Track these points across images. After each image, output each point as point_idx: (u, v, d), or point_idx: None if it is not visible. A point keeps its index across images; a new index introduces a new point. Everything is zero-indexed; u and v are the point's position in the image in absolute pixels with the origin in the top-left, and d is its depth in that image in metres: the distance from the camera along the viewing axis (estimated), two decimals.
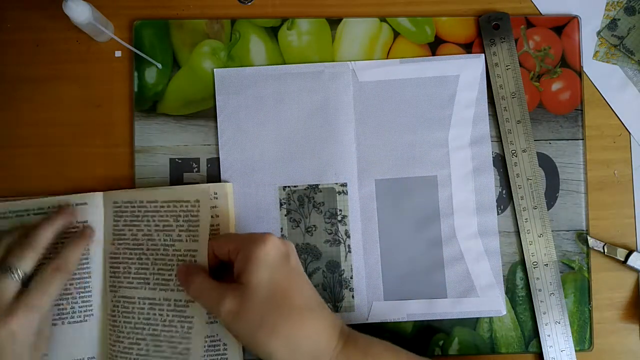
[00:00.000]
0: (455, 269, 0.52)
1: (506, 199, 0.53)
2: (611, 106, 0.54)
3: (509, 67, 0.53)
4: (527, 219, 0.52)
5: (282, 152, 0.52)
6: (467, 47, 0.53)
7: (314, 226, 0.52)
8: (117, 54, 0.53)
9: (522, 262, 0.52)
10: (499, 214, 0.53)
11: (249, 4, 0.54)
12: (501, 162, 0.53)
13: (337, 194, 0.52)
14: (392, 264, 0.52)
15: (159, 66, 0.53)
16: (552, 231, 0.52)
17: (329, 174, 0.52)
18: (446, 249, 0.52)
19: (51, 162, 0.52)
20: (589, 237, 0.52)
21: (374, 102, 0.53)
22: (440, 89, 0.53)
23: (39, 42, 0.53)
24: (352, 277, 0.52)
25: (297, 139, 0.52)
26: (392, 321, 0.52)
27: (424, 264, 0.52)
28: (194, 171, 0.52)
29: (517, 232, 0.52)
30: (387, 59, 0.53)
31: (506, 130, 0.52)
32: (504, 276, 0.52)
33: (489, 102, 0.53)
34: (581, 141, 0.53)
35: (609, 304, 0.53)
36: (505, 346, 0.52)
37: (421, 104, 0.53)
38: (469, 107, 0.53)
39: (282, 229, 0.52)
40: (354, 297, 0.52)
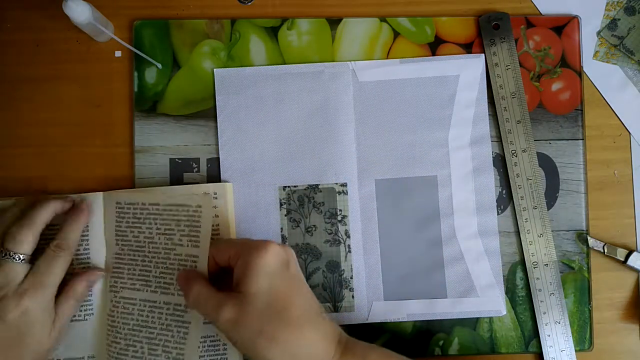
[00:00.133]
0: (455, 269, 0.52)
1: (506, 199, 0.53)
2: (611, 106, 0.54)
3: (509, 67, 0.53)
4: (527, 219, 0.52)
5: (282, 152, 0.52)
6: (467, 47, 0.53)
7: (314, 226, 0.52)
8: (117, 54, 0.53)
9: (522, 262, 0.52)
10: (499, 214, 0.53)
11: (249, 4, 0.54)
12: (501, 162, 0.53)
13: (337, 194, 0.52)
14: (392, 264, 0.52)
15: (159, 66, 0.53)
16: (552, 231, 0.52)
17: (329, 174, 0.52)
18: (446, 249, 0.52)
19: (51, 162, 0.52)
20: (589, 237, 0.52)
21: (374, 102, 0.53)
22: (440, 89, 0.53)
23: (39, 42, 0.53)
24: (352, 277, 0.52)
25: (297, 139, 0.52)
26: (392, 321, 0.52)
27: (424, 264, 0.52)
28: (194, 171, 0.52)
29: (517, 232, 0.52)
30: (387, 59, 0.53)
31: (506, 130, 0.52)
32: (504, 276, 0.52)
33: (489, 102, 0.53)
34: (581, 141, 0.53)
35: (609, 304, 0.53)
36: (505, 346, 0.52)
37: (421, 104, 0.53)
38: (469, 107, 0.53)
39: (282, 229, 0.52)
40: (354, 297, 0.52)
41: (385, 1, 0.54)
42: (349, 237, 0.52)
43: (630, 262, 0.52)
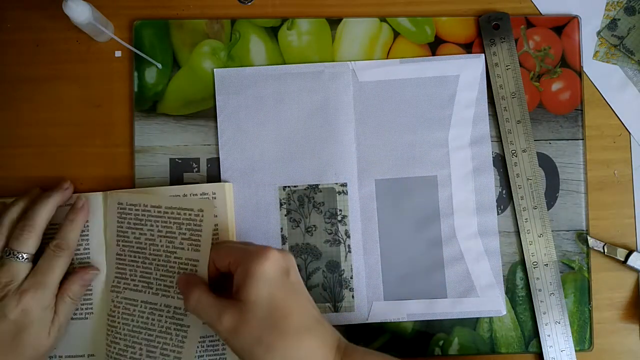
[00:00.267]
0: (455, 269, 0.52)
1: (506, 199, 0.53)
2: (611, 106, 0.54)
3: (509, 67, 0.53)
4: (527, 219, 0.52)
5: (282, 152, 0.52)
6: (467, 47, 0.53)
7: (314, 226, 0.52)
8: (117, 54, 0.53)
9: (522, 262, 0.52)
10: (499, 214, 0.53)
11: (249, 4, 0.54)
12: (501, 162, 0.53)
13: (337, 194, 0.52)
14: (392, 264, 0.52)
15: (159, 66, 0.53)
16: (552, 231, 0.52)
17: (329, 174, 0.52)
18: (446, 249, 0.52)
19: (51, 162, 0.52)
20: (589, 237, 0.52)
21: (374, 102, 0.53)
22: (440, 89, 0.53)
23: (39, 42, 0.53)
24: (352, 277, 0.52)
25: (297, 139, 0.52)
26: (392, 321, 0.52)
27: (424, 264, 0.52)
28: (194, 171, 0.52)
29: (517, 232, 0.52)
30: (387, 59, 0.53)
31: (506, 130, 0.52)
32: (504, 276, 0.52)
33: (489, 102, 0.53)
34: (581, 141, 0.53)
35: (609, 304, 0.53)
36: (505, 346, 0.52)
37: (421, 104, 0.53)
38: (469, 107, 0.53)
39: (282, 229, 0.52)
40: (354, 297, 0.52)
41: (385, 1, 0.54)
42: (349, 237, 0.52)
43: (630, 262, 0.52)
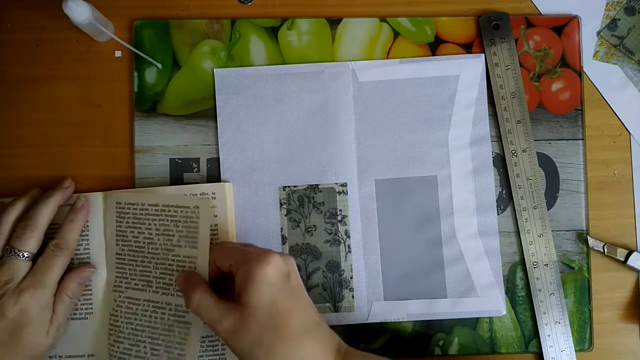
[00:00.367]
0: (455, 269, 0.52)
1: (506, 199, 0.53)
2: (611, 106, 0.54)
3: (509, 67, 0.53)
4: (527, 219, 0.52)
5: (282, 152, 0.52)
6: (467, 47, 0.53)
7: (314, 226, 0.52)
8: (117, 54, 0.53)
9: (522, 262, 0.52)
10: (499, 214, 0.53)
11: (249, 4, 0.54)
12: (501, 162, 0.53)
13: (337, 194, 0.52)
14: (392, 264, 0.52)
15: (159, 66, 0.53)
16: (552, 231, 0.52)
17: (329, 174, 0.52)
18: (446, 249, 0.52)
19: (51, 162, 0.52)
20: (589, 237, 0.52)
21: (374, 102, 0.53)
22: (440, 89, 0.53)
23: (39, 42, 0.53)
24: (352, 277, 0.52)
25: (297, 139, 0.52)
26: (392, 321, 0.52)
27: (424, 264, 0.52)
28: (194, 171, 0.52)
29: (517, 232, 0.52)
30: (387, 59, 0.53)
31: (506, 130, 0.52)
32: (504, 276, 0.52)
33: (489, 102, 0.53)
34: (581, 141, 0.53)
35: (609, 304, 0.53)
36: (505, 346, 0.52)
37: (421, 104, 0.53)
38: (469, 107, 0.53)
39: (282, 229, 0.52)
40: (354, 297, 0.52)
41: (385, 1, 0.54)
42: (349, 237, 0.52)
43: (630, 262, 0.52)
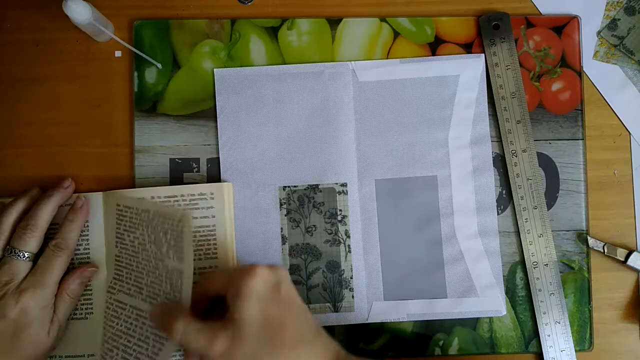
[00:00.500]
0: (455, 269, 0.52)
1: (506, 199, 0.53)
2: (611, 106, 0.54)
3: (509, 67, 0.53)
4: (527, 219, 0.52)
5: (282, 152, 0.52)
6: (467, 47, 0.53)
7: (314, 226, 0.52)
8: (117, 54, 0.53)
9: (522, 262, 0.52)
10: (499, 214, 0.53)
11: (249, 4, 0.54)
12: (501, 162, 0.53)
13: (337, 194, 0.52)
14: (392, 264, 0.52)
15: (159, 66, 0.53)
16: (552, 231, 0.52)
17: (329, 174, 0.52)
18: (446, 249, 0.52)
19: (51, 162, 0.52)
20: (589, 237, 0.52)
21: (374, 102, 0.53)
22: (440, 89, 0.53)
23: (39, 42, 0.53)
24: (352, 277, 0.52)
25: (297, 139, 0.52)
26: (392, 321, 0.52)
27: (424, 264, 0.52)
28: (194, 171, 0.52)
29: (517, 232, 0.52)
30: (387, 59, 0.53)
31: (506, 130, 0.52)
32: (504, 276, 0.52)
33: (489, 102, 0.53)
34: (581, 141, 0.53)
35: (609, 304, 0.53)
36: (505, 346, 0.52)
37: (421, 104, 0.53)
38: (469, 107, 0.53)
39: (282, 229, 0.52)
40: (354, 297, 0.52)
41: (385, 1, 0.54)
42: (349, 237, 0.52)
43: (630, 262, 0.52)
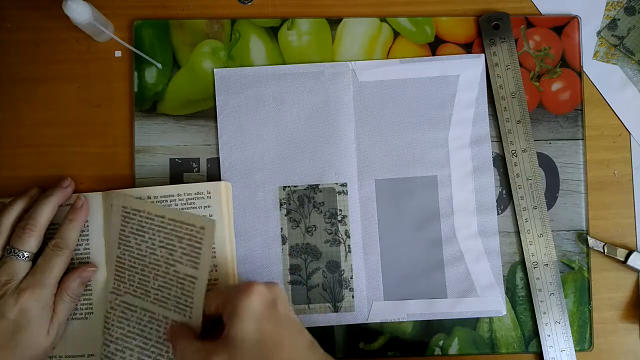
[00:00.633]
0: (455, 269, 0.52)
1: (506, 199, 0.53)
2: (611, 106, 0.54)
3: (509, 67, 0.53)
4: (527, 219, 0.52)
5: (282, 152, 0.52)
6: (467, 47, 0.53)
7: (314, 226, 0.52)
8: (117, 54, 0.53)
9: (522, 262, 0.52)
10: (499, 214, 0.53)
11: (249, 4, 0.54)
12: (501, 162, 0.53)
13: (337, 194, 0.52)
14: (392, 264, 0.52)
15: (159, 66, 0.53)
16: (552, 231, 0.52)
17: (329, 174, 0.52)
18: (446, 249, 0.52)
19: (51, 162, 0.52)
20: (589, 237, 0.52)
21: (374, 102, 0.53)
22: (440, 89, 0.53)
23: (39, 42, 0.53)
24: (352, 277, 0.52)
25: (297, 139, 0.52)
26: (392, 321, 0.52)
27: (424, 264, 0.52)
28: (194, 171, 0.52)
29: (517, 232, 0.52)
30: (387, 59, 0.53)
31: (506, 130, 0.52)
32: (504, 276, 0.52)
33: (489, 102, 0.53)
34: (581, 141, 0.53)
35: (609, 304, 0.53)
36: (505, 346, 0.52)
37: (421, 104, 0.53)
38: (469, 107, 0.53)
39: (282, 229, 0.52)
40: (354, 297, 0.52)
41: (385, 1, 0.54)
42: (349, 237, 0.52)
43: (630, 262, 0.52)
